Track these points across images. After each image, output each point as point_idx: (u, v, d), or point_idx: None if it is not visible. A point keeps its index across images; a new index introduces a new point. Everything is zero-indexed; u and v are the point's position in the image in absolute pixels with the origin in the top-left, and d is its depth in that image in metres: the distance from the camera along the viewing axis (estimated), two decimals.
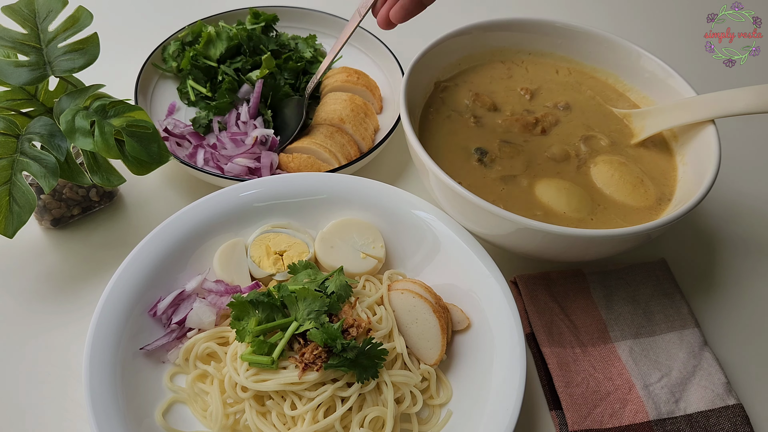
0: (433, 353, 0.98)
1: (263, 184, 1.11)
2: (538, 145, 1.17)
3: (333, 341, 0.88)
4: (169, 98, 1.40)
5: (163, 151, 1.03)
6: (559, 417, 0.98)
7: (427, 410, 0.96)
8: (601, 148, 1.17)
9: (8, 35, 1.03)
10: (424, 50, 1.18)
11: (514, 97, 1.26)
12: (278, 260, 1.06)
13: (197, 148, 1.25)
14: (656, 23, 1.83)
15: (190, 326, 0.99)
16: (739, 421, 0.97)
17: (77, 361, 1.00)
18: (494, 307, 0.99)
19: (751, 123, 1.49)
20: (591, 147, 1.16)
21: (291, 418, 0.89)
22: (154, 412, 0.92)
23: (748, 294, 1.18)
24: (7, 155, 0.97)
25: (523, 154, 1.15)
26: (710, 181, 1.01)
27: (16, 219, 0.96)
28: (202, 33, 1.41)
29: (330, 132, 1.26)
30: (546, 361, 1.02)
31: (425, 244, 1.09)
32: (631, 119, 1.21)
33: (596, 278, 1.13)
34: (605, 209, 1.08)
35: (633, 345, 1.05)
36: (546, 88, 1.29)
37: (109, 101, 1.01)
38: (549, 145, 1.17)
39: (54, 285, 1.10)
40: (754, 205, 1.33)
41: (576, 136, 1.19)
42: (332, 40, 1.56)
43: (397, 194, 1.11)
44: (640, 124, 1.19)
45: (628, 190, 1.10)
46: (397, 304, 1.00)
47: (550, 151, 1.16)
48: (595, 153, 1.16)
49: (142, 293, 0.98)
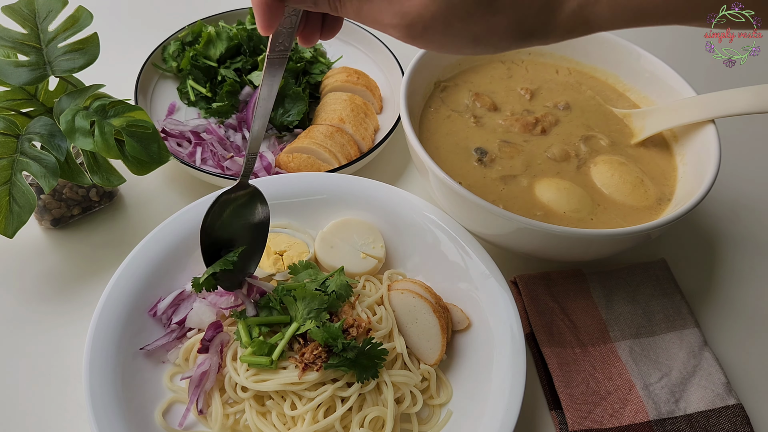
0: (433, 353, 0.98)
1: (263, 184, 1.11)
2: (538, 145, 1.17)
3: (334, 340, 0.88)
4: (169, 98, 1.40)
5: (163, 151, 1.03)
6: (559, 417, 0.98)
7: (427, 410, 0.96)
8: (601, 148, 1.17)
9: (8, 35, 1.03)
10: (424, 50, 1.18)
11: (514, 97, 1.26)
12: (278, 260, 1.06)
13: (196, 147, 1.25)
14: None
15: (190, 326, 0.99)
16: (739, 421, 0.97)
17: (77, 361, 1.00)
18: (494, 307, 0.99)
19: (751, 123, 1.49)
20: (591, 147, 1.16)
21: (291, 418, 0.89)
22: (154, 412, 0.92)
23: (748, 294, 1.18)
24: (7, 155, 0.97)
25: (523, 154, 1.15)
26: (710, 181, 1.01)
27: (16, 219, 0.96)
28: (202, 33, 1.41)
29: (330, 132, 1.26)
30: (546, 361, 1.02)
31: (425, 244, 1.09)
32: (630, 119, 1.21)
33: (596, 278, 1.13)
34: (605, 209, 1.08)
35: (633, 345, 1.05)
36: (546, 88, 1.29)
37: (109, 101, 1.01)
38: (549, 145, 1.17)
39: (54, 285, 1.10)
40: (754, 205, 1.33)
41: (576, 136, 1.19)
42: (332, 40, 1.53)
43: (397, 194, 1.11)
44: (640, 124, 1.19)
45: (628, 190, 1.10)
46: (397, 304, 1.00)
47: (551, 151, 1.16)
48: (595, 153, 1.16)
49: (142, 293, 0.98)
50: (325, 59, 1.49)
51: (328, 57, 1.51)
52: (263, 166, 1.21)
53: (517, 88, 1.28)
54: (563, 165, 1.14)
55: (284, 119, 1.32)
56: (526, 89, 1.27)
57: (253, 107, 1.31)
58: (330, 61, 1.49)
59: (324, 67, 1.46)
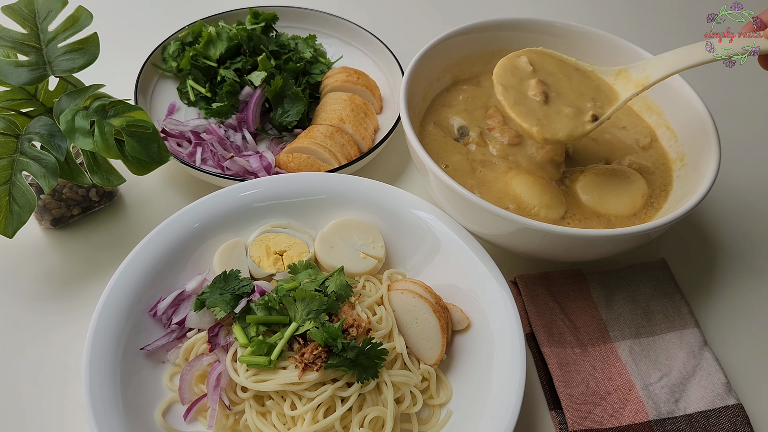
0: (433, 353, 0.98)
1: (263, 184, 1.11)
2: (533, 144, 1.17)
3: (334, 340, 0.88)
4: (169, 98, 1.40)
5: (163, 151, 1.03)
6: (559, 417, 0.98)
7: (427, 410, 0.96)
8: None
9: (8, 35, 1.03)
10: (424, 50, 1.18)
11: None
12: (278, 260, 1.06)
13: (197, 147, 1.25)
14: (656, 23, 1.83)
15: (190, 326, 0.99)
16: (739, 421, 0.97)
17: (77, 361, 1.00)
18: (494, 307, 0.99)
19: (751, 123, 1.49)
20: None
21: (291, 418, 0.89)
22: (153, 412, 0.92)
23: (748, 294, 1.18)
24: (7, 155, 0.97)
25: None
26: (710, 181, 1.01)
27: (16, 219, 0.96)
28: (202, 33, 1.41)
29: (330, 132, 1.26)
30: (546, 361, 1.02)
31: (425, 244, 1.09)
32: (629, 73, 1.10)
33: (596, 278, 1.13)
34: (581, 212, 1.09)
35: (633, 345, 1.05)
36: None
37: (109, 101, 1.01)
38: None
39: (54, 285, 1.10)
40: (754, 205, 1.33)
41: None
42: (332, 40, 1.56)
43: (397, 194, 1.11)
44: (641, 75, 1.08)
45: (623, 190, 1.10)
46: (397, 304, 1.00)
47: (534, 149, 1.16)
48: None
49: (142, 293, 0.98)
50: (325, 59, 1.49)
51: (328, 57, 1.51)
52: (263, 166, 1.21)
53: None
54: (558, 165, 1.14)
55: (283, 119, 1.32)
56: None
57: (252, 107, 1.31)
58: (330, 61, 1.49)
59: (324, 67, 1.46)
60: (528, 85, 1.06)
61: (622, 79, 1.08)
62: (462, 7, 1.79)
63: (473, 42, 1.27)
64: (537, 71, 1.07)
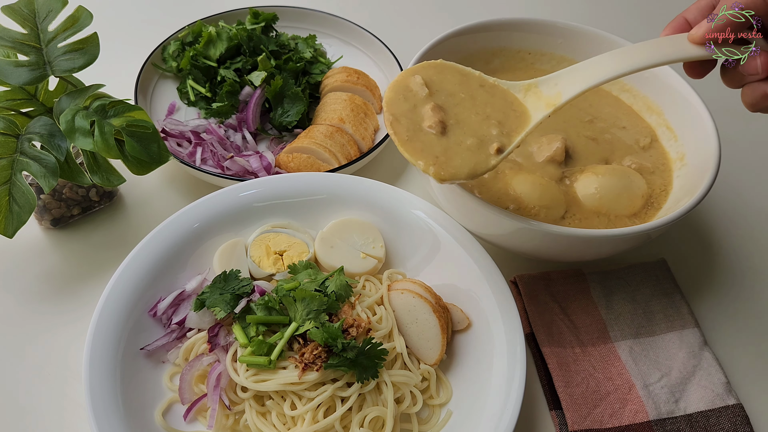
0: (433, 353, 0.98)
1: (263, 184, 1.11)
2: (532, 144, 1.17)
3: (334, 340, 0.88)
4: (169, 98, 1.40)
5: (163, 151, 1.03)
6: (559, 417, 0.98)
7: (427, 410, 0.96)
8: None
9: (8, 35, 1.03)
10: (423, 50, 1.18)
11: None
12: (278, 260, 1.06)
13: (197, 147, 1.25)
14: (656, 23, 1.82)
15: (190, 326, 0.99)
16: (739, 421, 0.97)
17: (77, 361, 1.00)
18: (494, 307, 0.99)
19: (751, 123, 1.49)
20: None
21: (291, 418, 0.89)
22: (153, 412, 0.92)
23: (748, 294, 1.18)
24: (7, 155, 0.97)
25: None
26: (710, 181, 1.01)
27: (16, 219, 0.96)
28: (202, 33, 1.41)
29: (330, 132, 1.26)
30: (546, 361, 1.02)
31: (425, 244, 1.09)
32: (538, 89, 0.98)
33: (596, 278, 1.13)
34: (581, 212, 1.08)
35: (633, 345, 1.05)
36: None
37: (109, 101, 1.01)
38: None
39: (54, 285, 1.10)
40: (754, 204, 1.33)
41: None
42: (332, 40, 1.56)
43: (397, 194, 1.11)
44: (553, 91, 0.97)
45: (623, 190, 1.10)
46: (397, 304, 1.00)
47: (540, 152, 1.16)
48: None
49: (142, 293, 0.98)
50: (325, 59, 1.49)
51: (328, 57, 1.51)
52: (263, 166, 1.21)
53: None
54: (555, 165, 1.14)
55: (283, 119, 1.32)
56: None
57: (252, 107, 1.31)
58: (330, 61, 1.49)
59: (324, 67, 1.46)
60: (423, 113, 0.91)
61: (532, 95, 0.96)
62: (462, 7, 1.79)
63: (473, 42, 1.27)
64: (433, 94, 0.93)
